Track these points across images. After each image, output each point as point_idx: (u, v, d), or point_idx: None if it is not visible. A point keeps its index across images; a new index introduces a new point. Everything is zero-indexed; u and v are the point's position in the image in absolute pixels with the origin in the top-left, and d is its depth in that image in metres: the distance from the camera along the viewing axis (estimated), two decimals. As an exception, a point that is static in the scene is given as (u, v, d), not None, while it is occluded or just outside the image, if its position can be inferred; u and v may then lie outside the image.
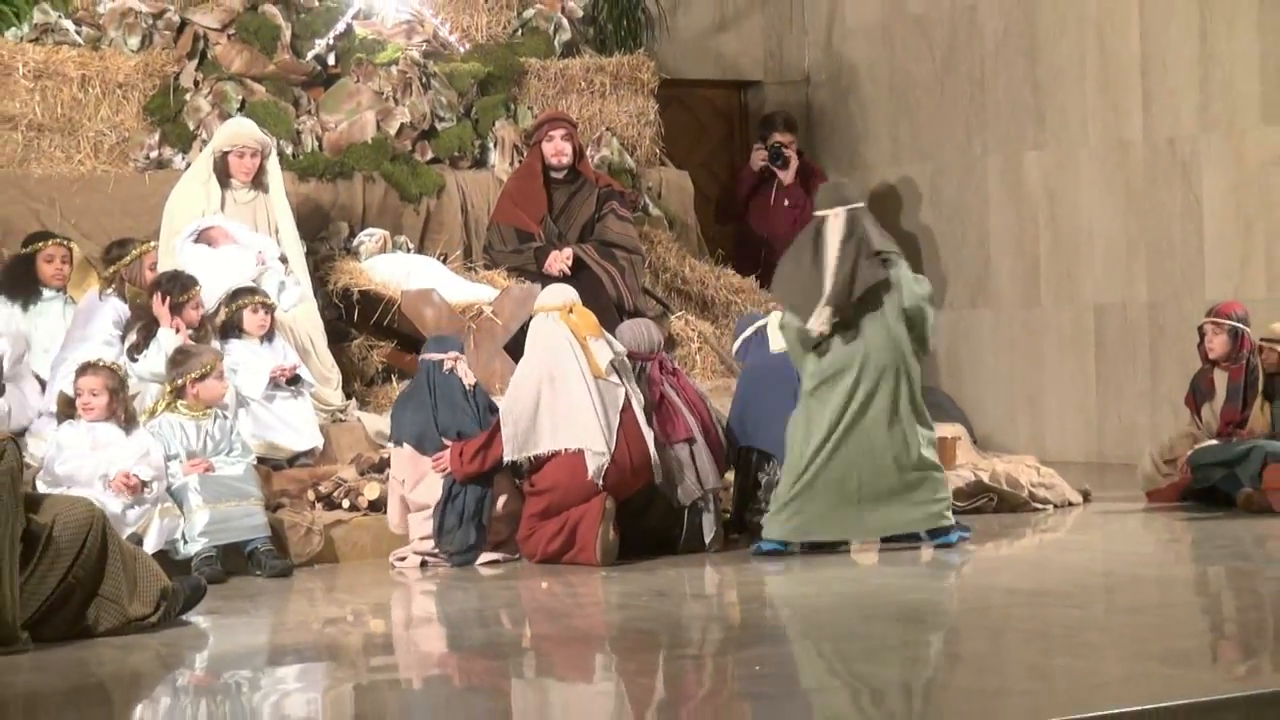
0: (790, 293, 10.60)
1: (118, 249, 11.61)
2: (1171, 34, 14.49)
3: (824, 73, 16.93)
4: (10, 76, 12.62)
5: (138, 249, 11.53)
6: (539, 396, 10.43)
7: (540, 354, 10.66)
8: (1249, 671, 7.58)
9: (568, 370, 10.48)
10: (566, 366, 10.49)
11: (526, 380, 10.59)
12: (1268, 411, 12.17)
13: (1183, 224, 14.45)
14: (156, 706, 7.48)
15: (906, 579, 9.85)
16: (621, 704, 7.26)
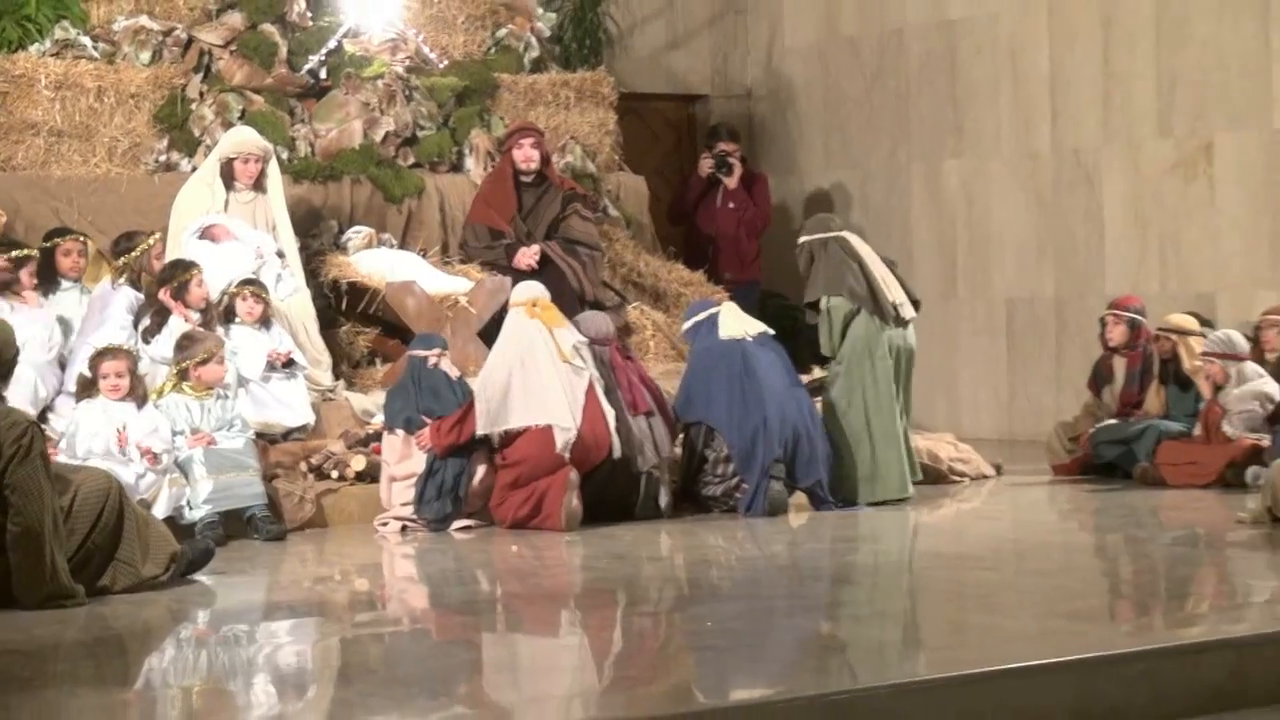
0: (847, 288, 11.17)
1: (126, 241, 11.55)
2: (1076, 55, 14.52)
3: (765, 88, 16.92)
4: (33, 87, 12.55)
5: (145, 241, 11.49)
6: (510, 377, 10.43)
7: (512, 340, 10.67)
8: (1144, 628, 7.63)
9: (538, 355, 10.49)
10: (537, 351, 10.51)
11: (499, 363, 10.59)
12: (1162, 395, 12.22)
13: (1086, 226, 14.50)
14: (165, 656, 7.49)
15: (838, 543, 9.85)
16: (584, 655, 7.26)
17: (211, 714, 6.28)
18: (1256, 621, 7.47)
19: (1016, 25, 14.91)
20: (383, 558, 9.95)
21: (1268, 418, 11.28)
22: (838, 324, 11.21)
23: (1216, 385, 11.60)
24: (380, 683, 6.70)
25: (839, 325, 11.20)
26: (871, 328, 11.20)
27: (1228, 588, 8.57)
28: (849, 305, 11.20)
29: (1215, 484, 11.29)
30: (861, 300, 11.20)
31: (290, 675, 7.03)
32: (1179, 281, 13.87)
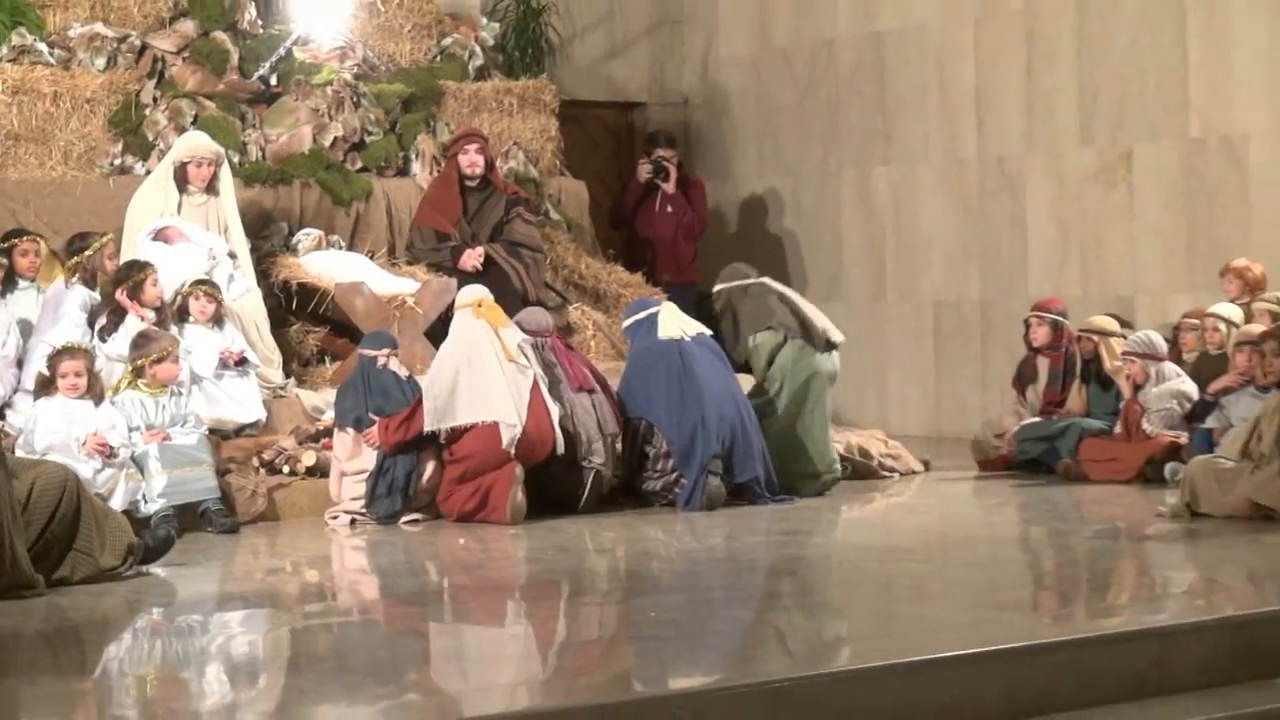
0: (776, 322, 11.40)
1: (79, 241, 11.46)
2: (1001, 67, 14.57)
3: (700, 96, 16.92)
4: (-10, 93, 12.53)
5: (98, 241, 11.41)
6: (457, 375, 10.41)
7: (459, 340, 10.66)
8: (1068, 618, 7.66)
9: (484, 354, 10.47)
10: (483, 350, 10.49)
11: (447, 361, 10.57)
12: (1083, 393, 12.27)
13: (1010, 232, 14.55)
14: (122, 645, 7.47)
15: (773, 536, 9.84)
16: (529, 645, 7.26)
17: (166, 702, 6.25)
18: (1175, 611, 7.50)
19: (943, 37, 14.96)
20: (333, 550, 9.92)
21: (1185, 416, 11.33)
22: (764, 357, 11.37)
23: (1136, 384, 11.65)
24: (330, 671, 6.68)
25: (765, 358, 11.36)
26: (801, 354, 11.35)
27: (1148, 579, 8.62)
28: (776, 338, 11.37)
29: (1135, 480, 11.34)
30: (790, 330, 11.39)
31: (243, 664, 7.01)
32: (1099, 285, 13.93)
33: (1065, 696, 6.41)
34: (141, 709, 6.13)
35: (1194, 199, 13.45)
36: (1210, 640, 6.83)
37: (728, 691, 5.96)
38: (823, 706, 6.01)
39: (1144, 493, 10.92)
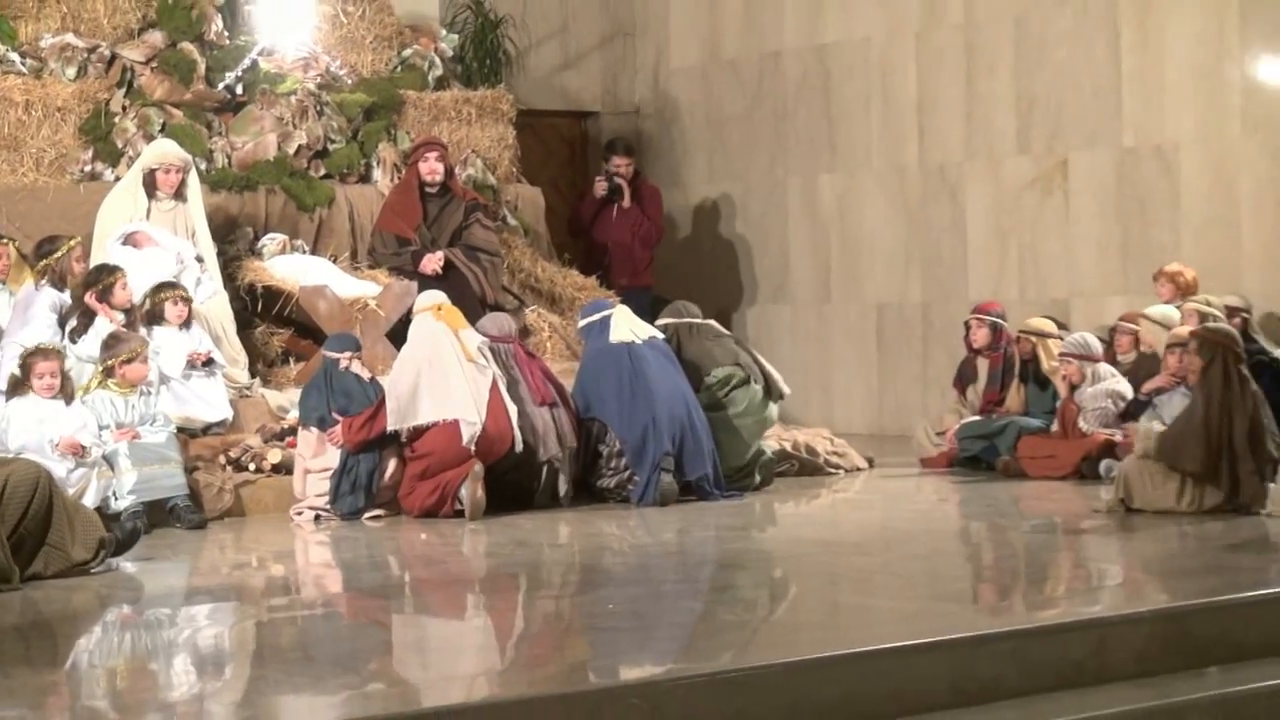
0: (737, 361, 11.49)
1: (48, 245, 11.38)
2: (941, 77, 14.61)
3: (651, 106, 16.92)
4: (-36, 101, 12.48)
5: (65, 245, 11.35)
6: (419, 376, 10.39)
7: (420, 342, 10.64)
8: (1007, 609, 7.68)
9: (444, 355, 10.47)
10: (443, 351, 10.48)
11: (408, 363, 10.56)
12: (1022, 393, 12.31)
13: (950, 236, 14.59)
14: (93, 638, 7.44)
15: (723, 531, 9.84)
16: (489, 636, 7.27)
17: (135, 693, 6.22)
18: (1110, 603, 7.56)
19: (886, 49, 14.98)
20: (297, 545, 9.89)
21: (1120, 414, 11.36)
22: (725, 389, 11.37)
23: (1072, 384, 11.68)
24: (295, 663, 6.67)
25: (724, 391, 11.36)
26: (755, 397, 11.39)
27: (1084, 572, 8.66)
28: (740, 374, 11.42)
29: (1072, 476, 11.37)
30: (751, 371, 11.45)
31: (209, 656, 6.99)
32: (1036, 288, 13.97)
33: (1008, 685, 6.42)
34: (111, 700, 6.10)
35: (1127, 206, 13.50)
36: (1145, 631, 6.86)
37: (684, 681, 5.95)
38: (775, 695, 6.01)
39: (1080, 489, 10.96)
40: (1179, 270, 12.35)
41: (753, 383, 11.42)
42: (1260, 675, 6.79)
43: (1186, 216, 13.18)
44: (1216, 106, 13.04)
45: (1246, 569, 8.05)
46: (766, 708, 5.96)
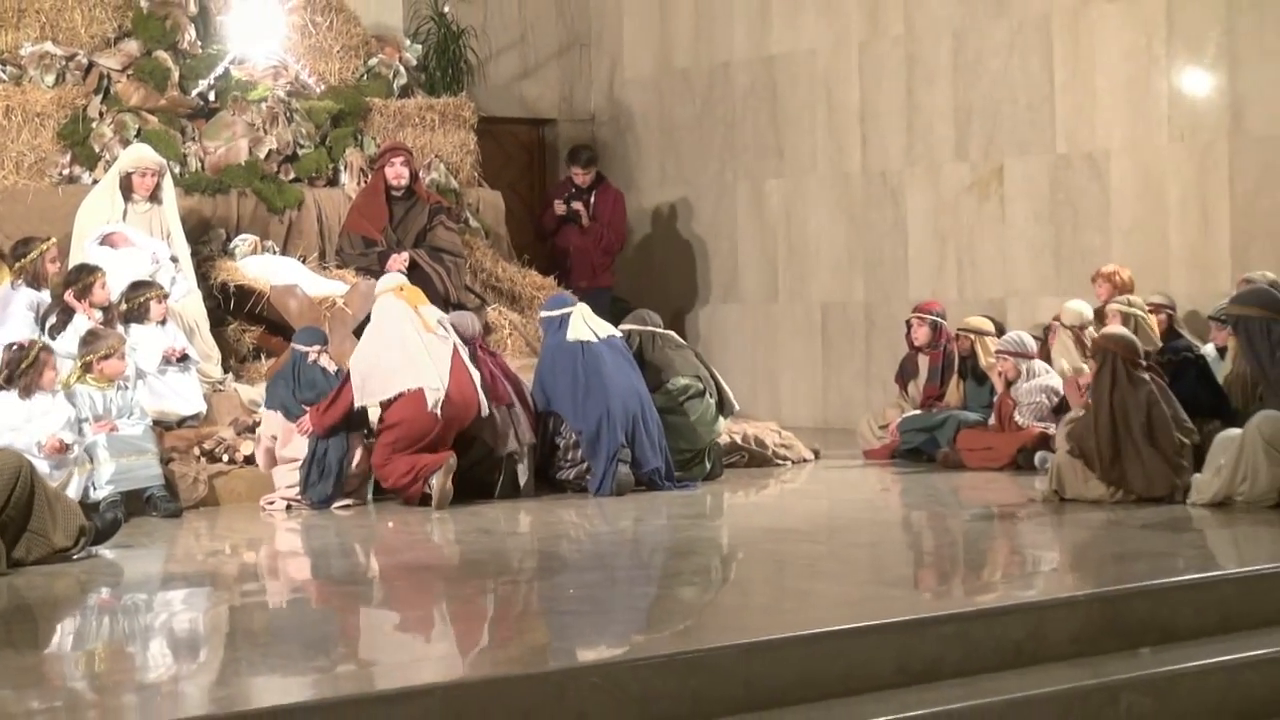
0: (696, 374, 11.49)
1: (23, 246, 11.30)
2: (884, 88, 14.64)
3: (606, 114, 16.91)
4: (-54, 107, 12.41)
5: (40, 246, 11.28)
6: (383, 351, 10.45)
7: (383, 320, 10.69)
8: (946, 593, 7.71)
9: (405, 330, 10.54)
10: (404, 328, 10.55)
11: (373, 340, 10.61)
12: (960, 388, 12.33)
13: (892, 239, 14.62)
14: (73, 622, 7.42)
15: (676, 520, 9.84)
16: (456, 620, 7.24)
17: (113, 674, 6.21)
18: (1045, 588, 7.57)
19: (830, 61, 15.01)
20: (269, 534, 9.84)
21: (1054, 409, 11.41)
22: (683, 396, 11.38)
23: (1008, 380, 11.71)
24: (266, 646, 6.67)
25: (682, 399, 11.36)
26: (709, 410, 11.43)
27: (1019, 558, 8.68)
28: (698, 386, 11.42)
29: (1008, 467, 11.40)
30: (707, 385, 11.50)
31: (184, 640, 6.98)
32: (974, 288, 14.02)
33: (951, 665, 6.44)
34: (90, 681, 6.09)
35: (1060, 210, 13.55)
36: (1080, 614, 6.88)
37: (643, 662, 5.96)
38: (730, 675, 6.03)
39: (1016, 479, 10.97)
40: (1115, 270, 12.40)
41: (708, 395, 11.46)
42: (1188, 656, 6.82)
43: (1116, 220, 13.24)
44: (1144, 116, 13.09)
45: (1173, 555, 8.09)
46: (722, 687, 5.97)
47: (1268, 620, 7.26)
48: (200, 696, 5.77)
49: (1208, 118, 12.79)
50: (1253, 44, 12.54)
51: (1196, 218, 12.84)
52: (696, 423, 11.34)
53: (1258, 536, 8.59)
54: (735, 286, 15.78)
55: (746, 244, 15.70)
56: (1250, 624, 7.20)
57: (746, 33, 15.64)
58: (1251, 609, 7.27)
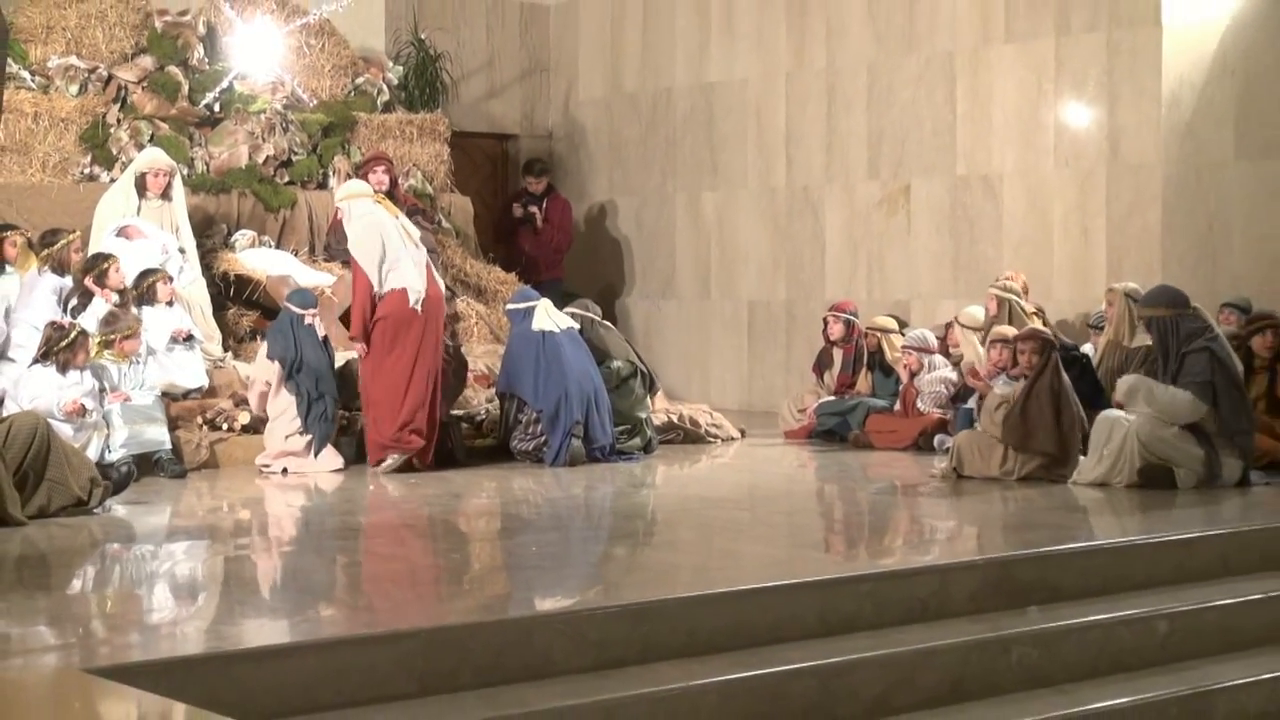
0: (626, 357, 11.57)
1: (50, 236, 11.19)
2: (806, 113, 14.66)
3: (562, 131, 16.87)
4: (-20, 113, 12.29)
5: (66, 238, 11.20)
6: (384, 247, 10.43)
7: (371, 221, 10.57)
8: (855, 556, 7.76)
9: (391, 234, 10.49)
10: (390, 231, 10.50)
11: (370, 235, 10.51)
12: (869, 378, 12.37)
13: (811, 246, 14.64)
14: (88, 569, 7.36)
15: (623, 487, 9.86)
16: (433, 572, 7.22)
17: (122, 615, 6.20)
18: (939, 554, 7.63)
19: (760, 89, 15.02)
20: (264, 493, 9.79)
21: (951, 397, 11.46)
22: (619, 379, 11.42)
23: (912, 372, 11.76)
24: (258, 592, 6.67)
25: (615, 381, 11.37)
26: (638, 388, 11.48)
27: (919, 526, 8.72)
28: (630, 367, 11.47)
29: (911, 448, 11.45)
30: (636, 366, 11.54)
31: (185, 585, 6.97)
32: (882, 291, 14.05)
33: (866, 619, 6.49)
34: (102, 621, 6.07)
35: (959, 225, 13.60)
36: (978, 575, 6.94)
37: (599, 611, 5.99)
38: (674, 624, 6.06)
39: (917, 459, 11.04)
40: (1012, 275, 12.46)
41: (638, 374, 11.51)
42: (1072, 614, 6.89)
43: (1007, 235, 13.29)
44: (1034, 145, 13.15)
45: (1059, 525, 8.16)
46: (668, 634, 6.00)
47: (1139, 584, 7.37)
48: (198, 637, 5.76)
49: (1088, 147, 12.86)
50: (1128, 84, 12.61)
51: (1077, 235, 12.91)
52: (633, 401, 11.38)
53: (1131, 513, 8.68)
54: (673, 284, 15.78)
55: (683, 247, 15.70)
56: (1124, 587, 7.29)
57: (687, 63, 15.64)
58: (1126, 574, 7.38)
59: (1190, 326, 9.51)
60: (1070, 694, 6.42)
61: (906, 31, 13.89)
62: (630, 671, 5.79)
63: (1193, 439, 9.38)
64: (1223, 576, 7.61)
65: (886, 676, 6.11)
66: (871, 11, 14.13)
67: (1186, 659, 6.89)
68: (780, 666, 5.93)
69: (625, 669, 5.81)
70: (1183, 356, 9.42)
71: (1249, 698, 6.73)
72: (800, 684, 5.91)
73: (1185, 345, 9.44)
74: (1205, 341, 9.42)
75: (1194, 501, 8.92)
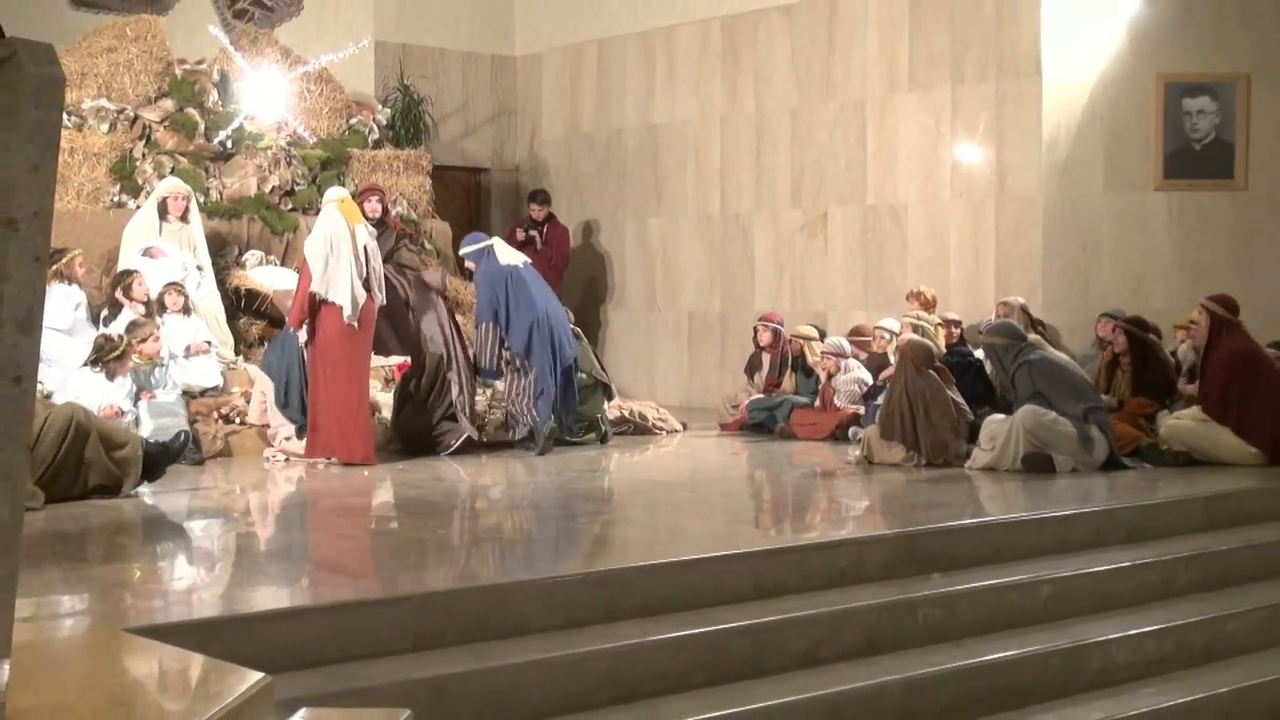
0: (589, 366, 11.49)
1: (57, 254, 11.09)
2: (738, 150, 14.73)
3: (528, 165, 16.88)
4: (23, 147, 12.17)
5: (70, 254, 11.08)
6: (329, 256, 9.96)
7: (326, 225, 10.14)
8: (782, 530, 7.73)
9: (342, 247, 10.02)
10: (342, 244, 10.04)
11: (322, 242, 10.05)
12: (794, 379, 12.41)
13: (742, 266, 14.71)
14: (116, 541, 7.32)
15: (584, 473, 9.86)
16: (421, 545, 7.18)
17: (148, 581, 6.18)
18: (854, 529, 7.59)
19: (698, 129, 15.08)
20: (271, 479, 9.74)
21: (863, 395, 11.53)
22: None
23: (830, 373, 11.83)
24: (267, 564, 6.63)
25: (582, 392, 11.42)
26: (599, 395, 11.58)
27: (837, 505, 8.73)
28: (594, 379, 11.50)
29: (829, 439, 11.50)
30: (600, 377, 11.63)
31: (203, 555, 6.97)
32: (804, 303, 14.12)
33: (793, 584, 6.52)
34: (130, 589, 6.01)
35: (869, 247, 13.69)
36: (888, 547, 6.98)
37: (567, 578, 6.00)
38: (630, 589, 6.07)
39: (835, 448, 11.08)
40: (922, 291, 12.55)
41: (599, 385, 11.55)
42: (967, 580, 6.94)
43: (911, 256, 13.40)
44: (933, 179, 13.26)
45: (955, 505, 8.21)
46: (627, 598, 6.02)
47: (1024, 554, 7.42)
48: (213, 601, 5.76)
49: (979, 181, 12.97)
50: (1013, 126, 12.73)
51: (970, 256, 13.01)
52: (593, 405, 11.41)
53: (1017, 493, 8.74)
54: (624, 298, 15.81)
55: (632, 266, 15.73)
56: (1012, 557, 7.35)
57: (635, 107, 15.67)
58: (1014, 545, 7.43)
59: (1012, 351, 9.74)
60: (967, 647, 6.46)
61: (824, 80, 13.97)
62: (594, 629, 5.81)
63: (1065, 421, 9.50)
64: (1095, 547, 7.69)
65: (811, 633, 6.14)
66: (794, 63, 14.20)
67: (1065, 617, 6.96)
68: (721, 625, 5.96)
69: (589, 627, 5.83)
70: (1013, 376, 9.71)
71: (1118, 650, 6.80)
72: (738, 640, 5.94)
73: (1011, 365, 9.72)
74: (1021, 360, 9.66)
75: (1070, 484, 9.00)
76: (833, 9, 13.88)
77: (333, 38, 15.15)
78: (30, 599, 5.39)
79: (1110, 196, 12.60)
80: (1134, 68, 12.55)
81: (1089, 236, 12.61)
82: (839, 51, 13.85)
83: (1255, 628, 7.35)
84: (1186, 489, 8.75)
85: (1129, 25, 12.51)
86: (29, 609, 5.24)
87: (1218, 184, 12.50)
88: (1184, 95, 12.49)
